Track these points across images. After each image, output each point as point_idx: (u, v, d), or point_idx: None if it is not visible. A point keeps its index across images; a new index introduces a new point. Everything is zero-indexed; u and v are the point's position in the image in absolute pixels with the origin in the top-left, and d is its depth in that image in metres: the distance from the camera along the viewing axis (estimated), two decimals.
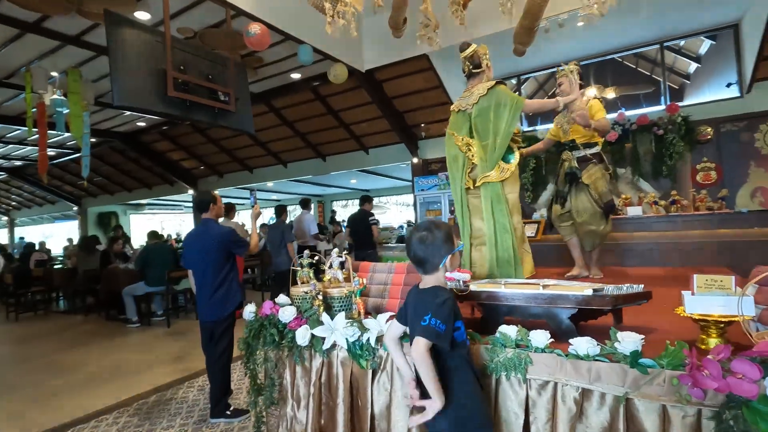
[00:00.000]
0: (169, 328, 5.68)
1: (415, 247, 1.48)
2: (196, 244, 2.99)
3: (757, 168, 5.75)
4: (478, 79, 2.68)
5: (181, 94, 3.82)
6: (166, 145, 11.06)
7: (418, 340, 1.33)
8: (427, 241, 1.45)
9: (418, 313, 1.39)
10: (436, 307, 1.37)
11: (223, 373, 2.95)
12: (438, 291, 1.43)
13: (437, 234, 1.46)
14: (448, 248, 1.46)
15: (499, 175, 2.52)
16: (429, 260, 1.46)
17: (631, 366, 1.31)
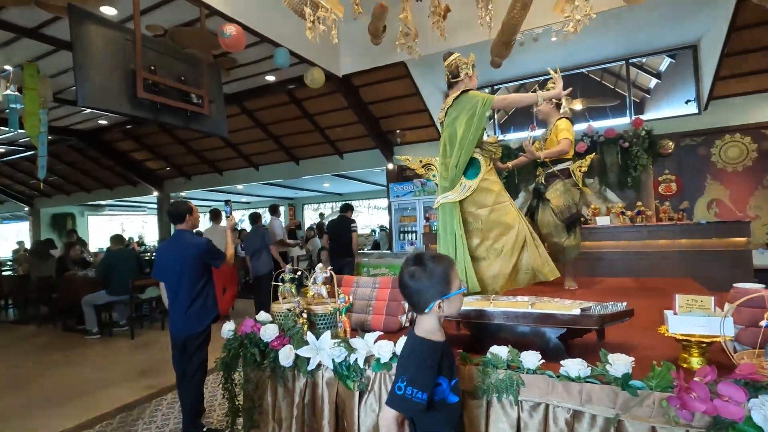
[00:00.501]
0: (133, 340, 5.40)
1: (405, 281, 1.26)
2: (171, 255, 2.85)
3: (713, 181, 6.10)
4: (456, 89, 2.55)
5: (151, 96, 3.65)
6: (130, 145, 10.57)
7: (386, 411, 1.16)
8: (416, 277, 1.24)
9: (398, 370, 1.23)
10: (414, 370, 1.16)
11: (197, 391, 2.82)
12: (419, 346, 1.23)
13: (431, 270, 1.23)
14: (441, 290, 1.23)
15: (460, 194, 2.39)
16: (415, 300, 1.25)
17: (622, 388, 1.33)
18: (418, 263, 1.25)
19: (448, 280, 1.25)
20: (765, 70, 5.65)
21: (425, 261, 1.25)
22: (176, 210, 2.96)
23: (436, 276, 1.23)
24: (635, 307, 1.97)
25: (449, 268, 1.27)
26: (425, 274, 1.24)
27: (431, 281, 1.23)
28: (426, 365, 1.18)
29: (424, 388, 1.15)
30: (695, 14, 5.25)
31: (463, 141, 2.38)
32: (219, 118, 4.52)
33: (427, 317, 1.26)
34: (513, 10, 4.06)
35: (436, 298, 1.23)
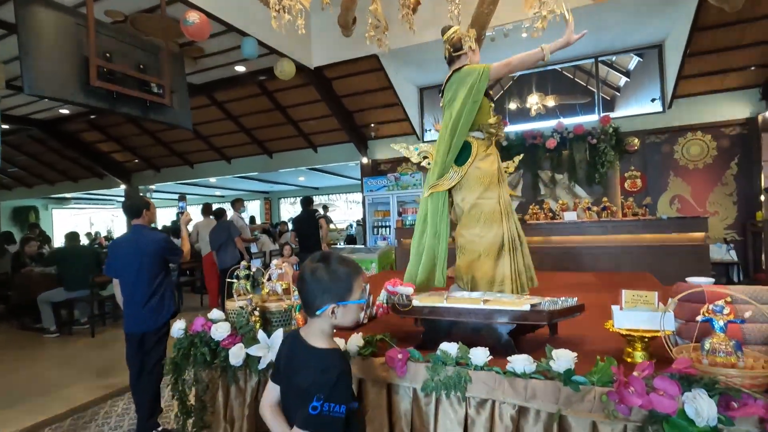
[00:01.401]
0: (94, 338, 5.21)
1: (304, 276, 1.17)
2: (127, 251, 2.75)
3: (675, 177, 6.30)
4: (458, 64, 2.32)
5: (106, 84, 3.47)
6: (95, 136, 10.15)
7: None
8: (317, 275, 1.15)
9: (302, 388, 1.10)
10: (330, 386, 1.07)
11: (154, 388, 2.75)
12: (330, 359, 1.14)
13: (334, 271, 1.15)
14: (340, 295, 1.15)
15: (449, 182, 2.24)
16: (310, 299, 1.16)
17: (564, 384, 1.34)
18: (324, 261, 1.18)
19: (350, 287, 1.17)
20: (725, 70, 5.84)
21: (331, 261, 1.18)
22: (132, 204, 2.86)
23: (338, 279, 1.16)
24: (592, 302, 2.00)
25: (355, 274, 1.19)
26: (327, 273, 1.15)
27: (331, 283, 1.15)
28: (343, 377, 1.11)
29: (343, 401, 1.08)
30: (660, 14, 5.38)
31: (456, 122, 2.17)
32: (182, 109, 4.36)
33: (317, 321, 1.18)
34: (482, 5, 4.06)
35: (332, 301, 1.15)
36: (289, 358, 1.22)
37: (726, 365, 1.22)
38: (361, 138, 8.31)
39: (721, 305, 1.28)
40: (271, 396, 1.25)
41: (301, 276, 1.18)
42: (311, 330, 1.20)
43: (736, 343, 1.25)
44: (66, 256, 5.45)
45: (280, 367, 1.24)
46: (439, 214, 2.26)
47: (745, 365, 1.22)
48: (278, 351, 1.29)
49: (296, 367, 1.17)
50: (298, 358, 1.18)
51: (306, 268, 1.18)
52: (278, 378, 1.24)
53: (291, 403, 1.19)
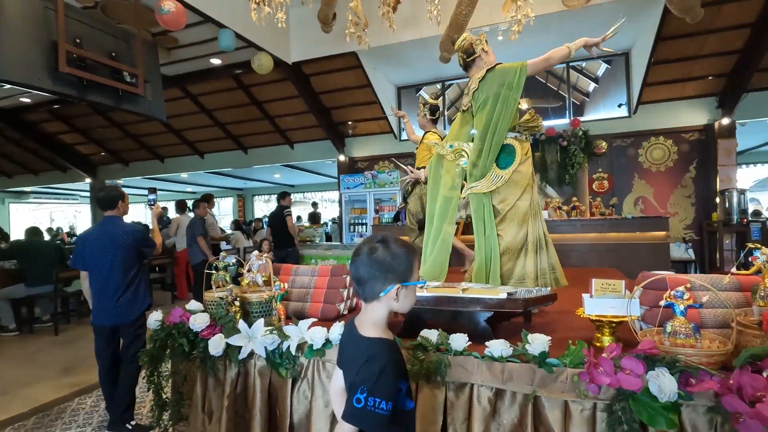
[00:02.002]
0: (58, 336, 4.99)
1: (361, 258, 1.10)
2: (100, 242, 2.67)
3: (640, 179, 6.61)
4: (476, 68, 2.34)
5: (75, 71, 3.36)
6: (58, 126, 9.70)
7: (343, 426, 1.01)
8: (377, 255, 1.08)
9: (350, 379, 1.06)
10: (374, 379, 1.00)
11: (131, 381, 2.69)
12: (376, 348, 1.07)
13: (394, 251, 1.08)
14: (401, 276, 1.08)
15: (491, 185, 2.24)
16: (368, 282, 1.08)
17: (539, 366, 1.41)
18: (382, 242, 1.10)
19: (411, 267, 1.11)
20: (686, 79, 6.18)
21: (389, 242, 1.10)
22: (108, 195, 2.79)
23: (400, 259, 1.08)
24: (562, 295, 2.10)
25: (413, 254, 1.13)
26: (389, 254, 1.08)
27: (394, 263, 1.07)
28: (388, 370, 1.02)
29: (388, 396, 1.00)
30: (627, 24, 5.61)
31: (496, 122, 2.17)
32: (156, 100, 4.25)
33: (376, 307, 1.11)
34: (460, 7, 4.15)
35: (396, 282, 1.07)
36: (345, 347, 1.20)
37: (685, 346, 1.31)
38: (339, 135, 8.29)
39: (682, 291, 1.38)
40: (338, 382, 1.21)
41: (359, 259, 1.10)
42: (364, 318, 1.14)
43: (695, 326, 1.35)
44: (27, 251, 5.20)
45: (340, 353, 1.22)
46: (487, 213, 2.27)
47: (703, 346, 1.32)
48: (341, 337, 1.31)
49: (348, 357, 1.14)
50: (351, 348, 1.14)
51: (363, 250, 1.11)
52: (340, 363, 1.21)
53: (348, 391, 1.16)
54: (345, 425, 1.01)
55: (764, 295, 1.35)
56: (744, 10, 5.15)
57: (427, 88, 7.95)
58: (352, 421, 1.00)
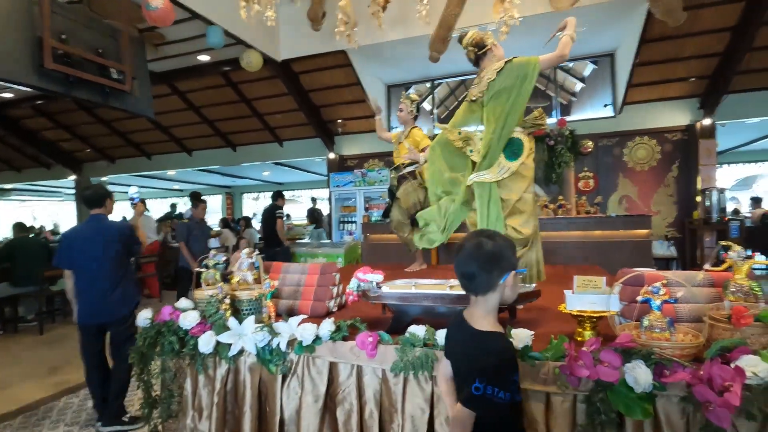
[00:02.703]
0: (43, 335, 4.93)
1: (469, 255, 1.14)
2: (89, 240, 2.67)
3: (624, 179, 6.74)
4: (488, 61, 2.41)
5: (61, 67, 3.32)
6: (42, 122, 9.51)
7: (462, 411, 1.07)
8: (487, 249, 1.12)
9: (467, 370, 1.11)
10: (492, 370, 1.06)
11: (127, 376, 2.71)
12: (493, 343, 1.13)
13: (501, 242, 1.14)
14: (512, 264, 1.14)
15: (496, 175, 2.30)
16: (481, 275, 1.12)
17: (522, 359, 1.46)
18: (485, 236, 1.15)
19: (515, 256, 1.19)
20: (669, 80, 6.32)
21: (493, 234, 1.16)
22: (95, 193, 2.79)
23: (509, 248, 1.15)
24: (547, 291, 2.15)
25: (513, 245, 1.21)
26: (497, 244, 1.13)
27: (505, 252, 1.14)
28: (506, 364, 1.09)
29: (505, 387, 1.05)
30: (612, 25, 5.73)
31: (509, 114, 2.23)
32: (144, 96, 4.22)
33: (490, 298, 1.15)
34: (449, 7, 4.19)
35: (509, 270, 1.14)
36: (456, 340, 1.24)
37: (661, 339, 1.37)
38: (328, 133, 8.29)
39: (658, 286, 1.44)
40: (446, 369, 1.28)
41: (467, 256, 1.14)
42: (475, 312, 1.19)
43: (670, 320, 1.41)
44: (15, 250, 5.12)
45: (449, 345, 1.27)
46: (493, 201, 2.32)
47: (677, 339, 1.39)
48: (447, 329, 1.33)
49: (462, 350, 1.19)
50: (464, 342, 1.19)
51: (469, 247, 1.15)
52: (449, 354, 1.27)
53: (460, 380, 1.22)
54: (463, 409, 1.08)
55: (734, 290, 1.42)
56: (724, 14, 5.28)
57: (417, 87, 7.99)
58: (470, 405, 1.07)
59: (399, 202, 3.57)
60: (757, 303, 1.37)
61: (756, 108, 6.31)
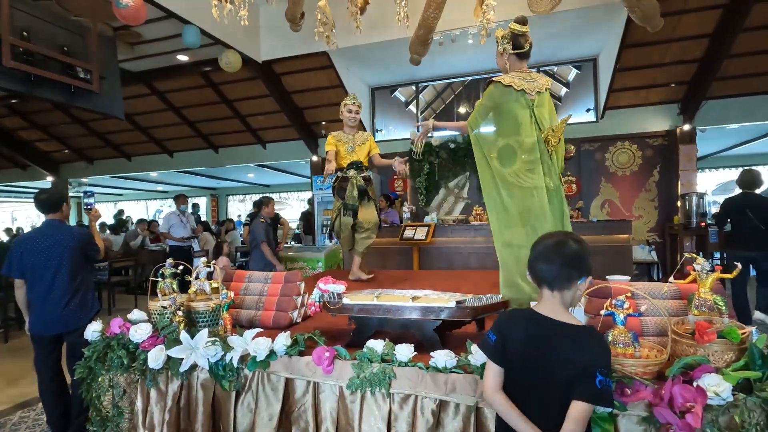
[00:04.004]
0: (7, 344, 4.74)
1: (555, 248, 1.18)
2: (43, 247, 2.53)
3: (606, 183, 6.76)
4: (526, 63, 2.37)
5: (22, 66, 3.18)
6: (16, 122, 9.24)
7: (585, 409, 1.06)
8: (574, 247, 1.17)
9: (575, 364, 1.08)
10: (607, 360, 1.11)
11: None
12: (598, 333, 1.18)
13: (586, 247, 1.20)
14: (589, 269, 1.20)
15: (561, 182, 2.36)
16: (565, 271, 1.16)
17: (481, 377, 1.39)
18: (572, 238, 1.20)
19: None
20: (649, 85, 6.36)
21: (576, 237, 1.21)
22: (51, 197, 2.66)
23: (588, 250, 1.20)
24: None
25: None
26: (581, 247, 1.18)
27: (587, 256, 1.19)
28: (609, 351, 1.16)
29: (611, 375, 1.13)
30: (594, 30, 5.75)
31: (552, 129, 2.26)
32: (114, 96, 4.09)
33: (565, 296, 1.18)
34: (428, 9, 4.13)
35: (587, 274, 1.19)
36: (535, 338, 1.15)
37: (626, 355, 1.31)
38: (312, 135, 8.19)
39: (622, 300, 1.38)
40: (500, 380, 1.18)
41: (553, 249, 1.18)
42: (555, 306, 1.18)
43: (634, 335, 1.35)
44: None
45: (510, 349, 1.17)
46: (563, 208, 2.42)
47: (641, 355, 1.33)
48: (504, 332, 1.20)
49: (552, 348, 1.13)
50: (552, 338, 1.14)
51: (556, 242, 1.19)
52: (505, 360, 1.17)
53: (533, 384, 1.14)
54: (587, 407, 1.06)
55: (699, 304, 1.37)
56: (702, 21, 5.32)
57: (402, 90, 7.94)
58: (595, 400, 1.06)
59: (375, 203, 3.56)
60: (722, 317, 1.32)
61: (735, 114, 6.38)
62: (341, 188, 3.41)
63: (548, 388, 1.11)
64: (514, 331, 1.19)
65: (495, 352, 1.19)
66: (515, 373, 1.17)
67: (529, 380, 1.14)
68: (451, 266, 5.23)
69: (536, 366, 1.13)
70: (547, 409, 1.10)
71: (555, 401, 1.09)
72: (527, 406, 1.13)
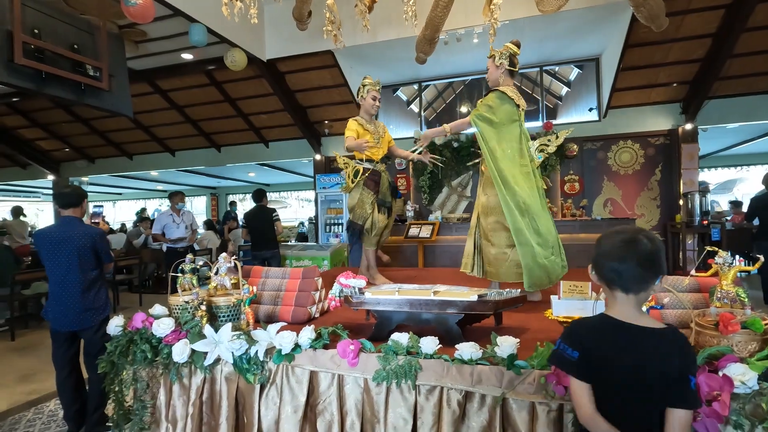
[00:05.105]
0: (14, 341, 4.74)
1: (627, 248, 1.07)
2: (56, 239, 2.55)
3: (609, 182, 6.80)
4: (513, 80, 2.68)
5: (33, 63, 3.19)
6: (18, 121, 9.21)
7: (688, 416, 1.01)
8: (648, 246, 1.06)
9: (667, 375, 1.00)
10: (695, 358, 1.08)
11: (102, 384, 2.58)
12: (679, 335, 1.08)
13: (660, 245, 1.09)
14: (663, 269, 1.11)
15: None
16: (640, 272, 1.06)
17: (507, 368, 1.42)
18: (645, 235, 1.09)
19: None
20: (652, 85, 6.40)
21: (650, 235, 1.11)
22: (72, 192, 2.69)
23: (664, 252, 1.12)
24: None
25: None
26: (657, 247, 1.08)
27: (662, 256, 1.10)
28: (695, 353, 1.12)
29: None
30: (598, 30, 5.78)
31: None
32: (122, 94, 4.09)
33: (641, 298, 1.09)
34: (436, 9, 4.15)
35: (662, 274, 1.13)
36: (623, 348, 1.05)
37: None
38: (315, 134, 8.20)
39: None
40: (590, 397, 1.07)
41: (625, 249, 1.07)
42: (632, 311, 1.09)
43: None
44: None
45: (596, 362, 1.06)
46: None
47: None
48: (586, 345, 1.09)
49: (642, 356, 1.03)
50: (640, 346, 1.05)
51: (626, 240, 1.08)
52: (592, 375, 1.07)
53: (626, 398, 1.04)
54: (689, 414, 1.02)
55: (721, 296, 1.40)
56: (706, 21, 5.37)
57: (405, 89, 7.96)
58: (692, 404, 1.02)
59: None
60: (744, 309, 1.35)
61: (736, 113, 6.43)
62: (374, 182, 3.11)
63: (643, 400, 1.02)
64: (598, 342, 1.08)
65: (581, 369, 1.07)
66: (603, 388, 1.06)
67: (621, 394, 1.04)
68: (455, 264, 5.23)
69: (627, 377, 1.03)
70: (644, 423, 1.03)
71: (650, 414, 1.03)
72: (624, 423, 1.03)
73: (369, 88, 3.21)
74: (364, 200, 3.09)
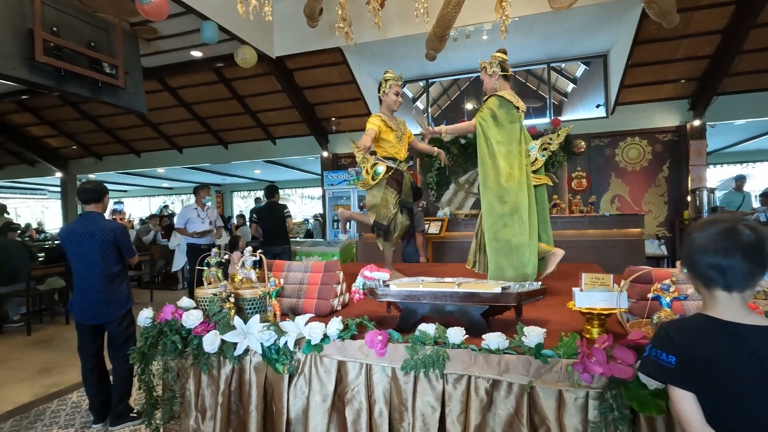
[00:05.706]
0: (30, 336, 4.81)
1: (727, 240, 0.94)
2: (84, 238, 2.61)
3: (616, 178, 6.82)
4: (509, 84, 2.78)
5: (53, 61, 3.23)
6: (26, 118, 9.28)
7: None
8: (752, 237, 0.93)
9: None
10: None
11: (128, 375, 2.67)
12: None
13: (762, 231, 0.96)
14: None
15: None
16: (748, 266, 0.93)
17: (535, 357, 1.46)
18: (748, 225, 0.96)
19: None
20: (660, 81, 6.41)
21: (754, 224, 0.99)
22: (94, 188, 2.76)
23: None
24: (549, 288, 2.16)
25: None
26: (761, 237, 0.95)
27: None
28: None
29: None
30: (606, 27, 5.79)
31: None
32: (136, 92, 4.14)
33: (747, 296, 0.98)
34: (448, 6, 4.18)
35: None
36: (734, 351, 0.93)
37: None
38: (322, 131, 8.24)
39: (668, 284, 1.45)
40: (700, 409, 0.95)
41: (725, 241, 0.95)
42: (738, 310, 0.96)
43: (681, 317, 1.42)
44: None
45: (701, 368, 0.95)
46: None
47: None
48: (688, 350, 0.97)
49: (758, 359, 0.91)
50: (754, 347, 0.92)
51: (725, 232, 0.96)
52: (696, 382, 0.96)
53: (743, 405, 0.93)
54: None
55: None
56: (715, 17, 5.37)
57: (411, 86, 7.98)
58: None
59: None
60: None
61: (744, 110, 6.44)
62: (397, 182, 3.00)
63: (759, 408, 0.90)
64: (701, 344, 0.96)
65: (682, 377, 0.96)
66: (711, 398, 0.94)
67: (737, 403, 0.92)
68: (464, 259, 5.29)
69: (739, 383, 0.92)
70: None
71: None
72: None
73: (392, 83, 3.05)
74: (388, 200, 2.96)
